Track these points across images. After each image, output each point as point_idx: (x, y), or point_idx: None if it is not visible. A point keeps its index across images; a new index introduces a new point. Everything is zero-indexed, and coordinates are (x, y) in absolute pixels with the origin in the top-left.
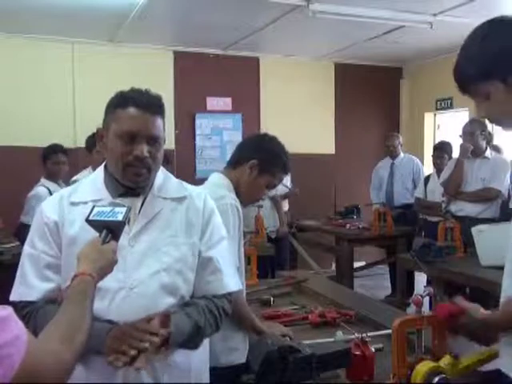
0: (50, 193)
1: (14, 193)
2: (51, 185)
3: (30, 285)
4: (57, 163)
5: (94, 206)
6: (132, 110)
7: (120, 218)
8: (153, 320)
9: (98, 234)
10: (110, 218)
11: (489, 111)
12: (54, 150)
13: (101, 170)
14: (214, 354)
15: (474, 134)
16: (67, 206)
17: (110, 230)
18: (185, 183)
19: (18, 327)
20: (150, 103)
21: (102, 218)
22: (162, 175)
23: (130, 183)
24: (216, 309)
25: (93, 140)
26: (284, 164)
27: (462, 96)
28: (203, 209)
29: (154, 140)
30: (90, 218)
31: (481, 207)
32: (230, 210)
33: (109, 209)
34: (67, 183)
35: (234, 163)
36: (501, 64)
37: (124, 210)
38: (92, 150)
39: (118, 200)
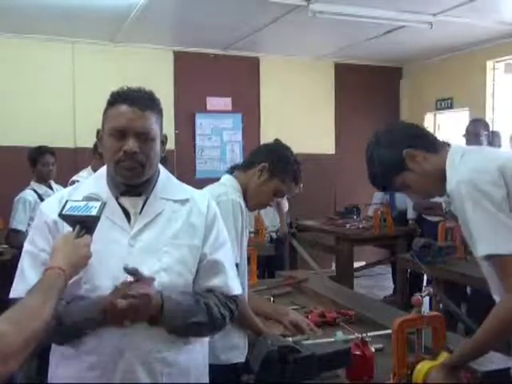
0: (39, 196)
1: (15, 193)
2: (41, 188)
3: (26, 282)
4: (47, 164)
5: (67, 201)
6: (120, 107)
7: (94, 212)
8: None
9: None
10: (84, 213)
11: (414, 196)
12: (42, 151)
13: (104, 169)
14: (213, 351)
15: (478, 134)
16: None
17: (84, 225)
18: (185, 185)
19: None
20: (138, 98)
21: (75, 213)
22: (164, 176)
23: (123, 179)
24: (226, 304)
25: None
26: (295, 173)
27: (462, 96)
28: (207, 212)
29: (144, 135)
30: (63, 212)
31: None
32: (232, 205)
33: (82, 204)
34: (58, 183)
35: (246, 166)
36: (397, 161)
37: (98, 204)
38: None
39: (100, 198)
